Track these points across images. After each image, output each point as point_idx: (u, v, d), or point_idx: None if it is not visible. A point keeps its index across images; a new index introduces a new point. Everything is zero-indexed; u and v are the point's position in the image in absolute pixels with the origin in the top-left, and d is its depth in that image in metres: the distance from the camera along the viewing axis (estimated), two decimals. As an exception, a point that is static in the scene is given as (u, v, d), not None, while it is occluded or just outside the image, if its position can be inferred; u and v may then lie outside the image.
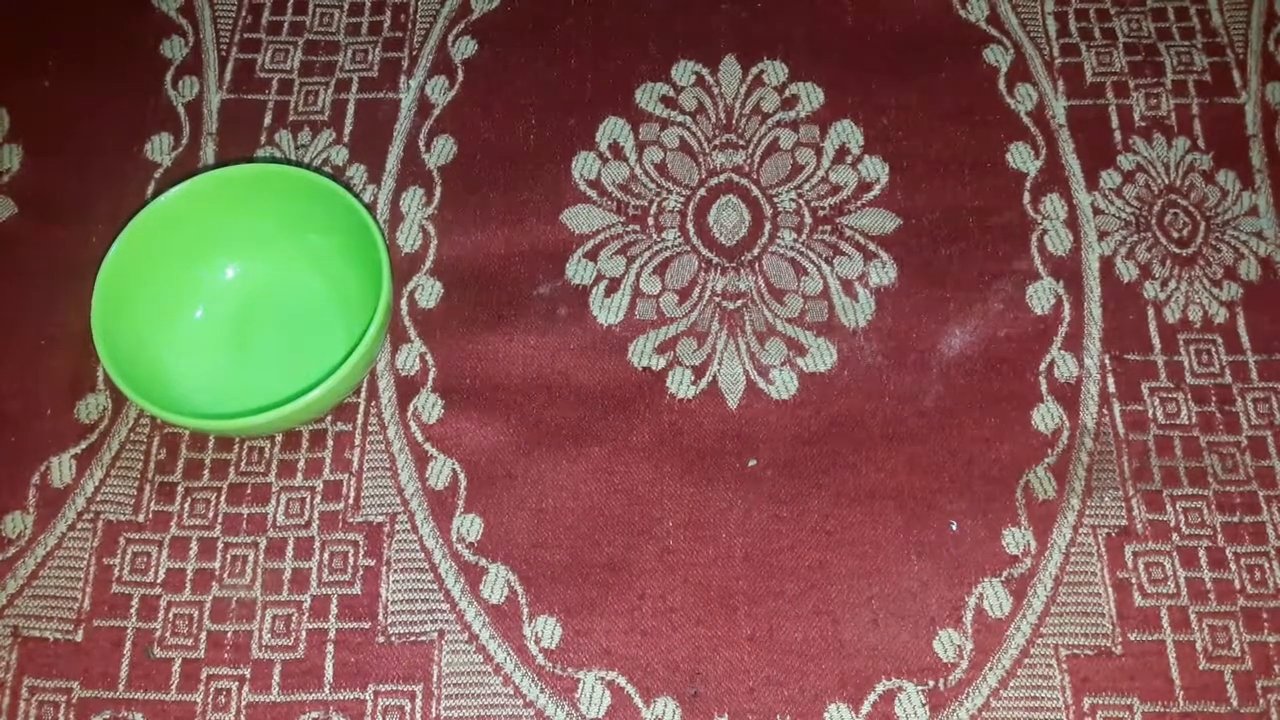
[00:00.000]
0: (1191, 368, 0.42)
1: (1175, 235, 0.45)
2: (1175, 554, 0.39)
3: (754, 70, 0.48)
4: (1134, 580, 0.39)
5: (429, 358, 0.43)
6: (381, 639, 0.38)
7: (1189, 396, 0.41)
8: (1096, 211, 0.45)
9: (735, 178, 0.46)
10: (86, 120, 0.48)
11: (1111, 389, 0.42)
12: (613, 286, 0.44)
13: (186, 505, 0.41)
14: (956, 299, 0.43)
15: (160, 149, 0.48)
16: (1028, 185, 0.46)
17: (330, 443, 0.42)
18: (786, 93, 0.48)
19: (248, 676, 0.38)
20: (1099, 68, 0.48)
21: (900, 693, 0.37)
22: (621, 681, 0.38)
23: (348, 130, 0.48)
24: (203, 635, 0.38)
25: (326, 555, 0.40)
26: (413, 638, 0.38)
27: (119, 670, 0.38)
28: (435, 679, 0.38)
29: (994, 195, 0.46)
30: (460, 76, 0.49)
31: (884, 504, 0.39)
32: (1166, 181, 0.46)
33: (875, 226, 0.45)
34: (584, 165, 0.47)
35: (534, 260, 0.45)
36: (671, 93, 0.48)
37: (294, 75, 0.49)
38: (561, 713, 0.37)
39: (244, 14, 0.51)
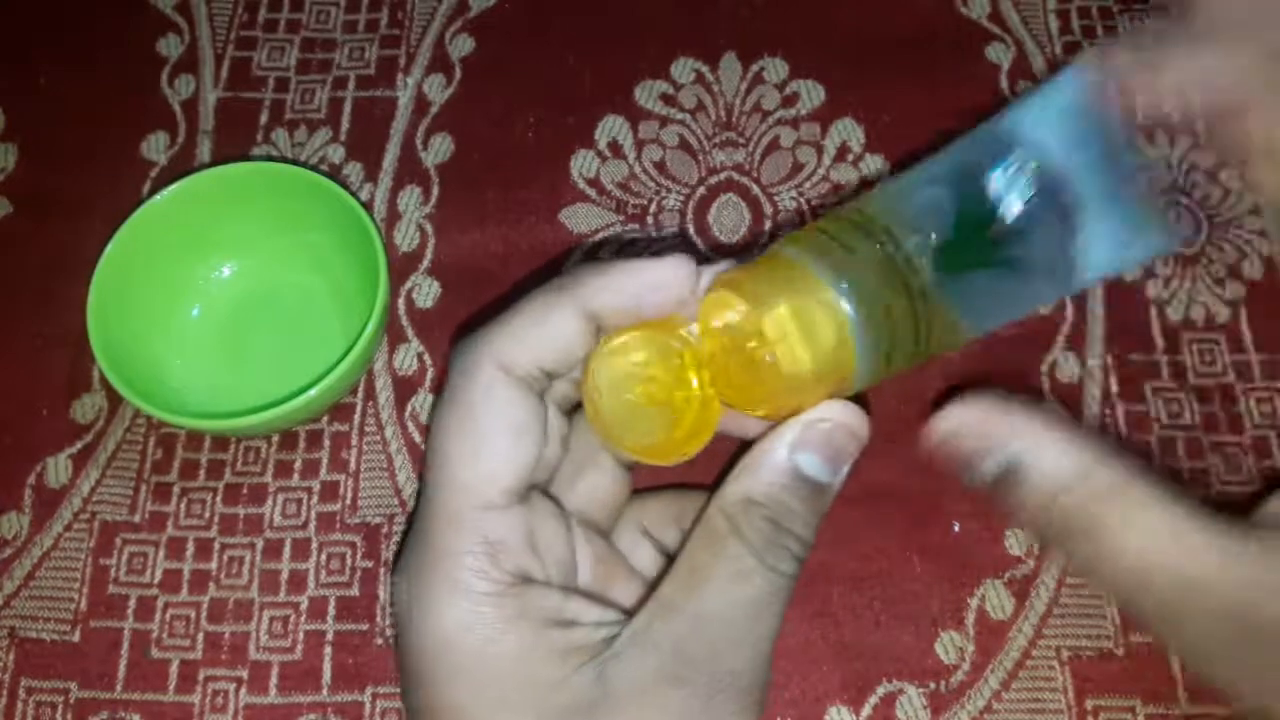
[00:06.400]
0: (1195, 367, 0.42)
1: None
2: (1178, 555, 0.39)
3: (754, 68, 0.48)
4: (1136, 581, 0.38)
5: (427, 358, 0.43)
6: (380, 641, 0.38)
7: (1192, 396, 0.41)
8: (1099, 210, 0.45)
9: (735, 176, 0.46)
10: (82, 118, 0.48)
11: (1114, 389, 0.41)
12: (612, 285, 0.44)
13: (183, 506, 0.40)
14: (958, 298, 0.43)
15: (156, 147, 0.47)
16: (1029, 183, 0.46)
17: (327, 443, 0.41)
18: (787, 90, 0.48)
19: (245, 678, 0.38)
20: (1101, 65, 0.48)
21: (901, 695, 0.37)
22: (621, 683, 0.37)
23: (344, 128, 0.47)
24: (200, 636, 0.38)
25: (324, 556, 0.39)
26: (411, 639, 0.38)
27: (116, 671, 0.38)
28: (433, 681, 0.37)
29: (996, 193, 0.45)
30: (458, 74, 0.49)
31: (886, 505, 0.39)
32: (1169, 180, 0.45)
33: (876, 225, 0.44)
34: (583, 163, 0.46)
35: (533, 259, 0.44)
36: (671, 90, 0.48)
37: (290, 73, 0.49)
38: (560, 715, 0.37)
39: (240, 11, 0.50)
